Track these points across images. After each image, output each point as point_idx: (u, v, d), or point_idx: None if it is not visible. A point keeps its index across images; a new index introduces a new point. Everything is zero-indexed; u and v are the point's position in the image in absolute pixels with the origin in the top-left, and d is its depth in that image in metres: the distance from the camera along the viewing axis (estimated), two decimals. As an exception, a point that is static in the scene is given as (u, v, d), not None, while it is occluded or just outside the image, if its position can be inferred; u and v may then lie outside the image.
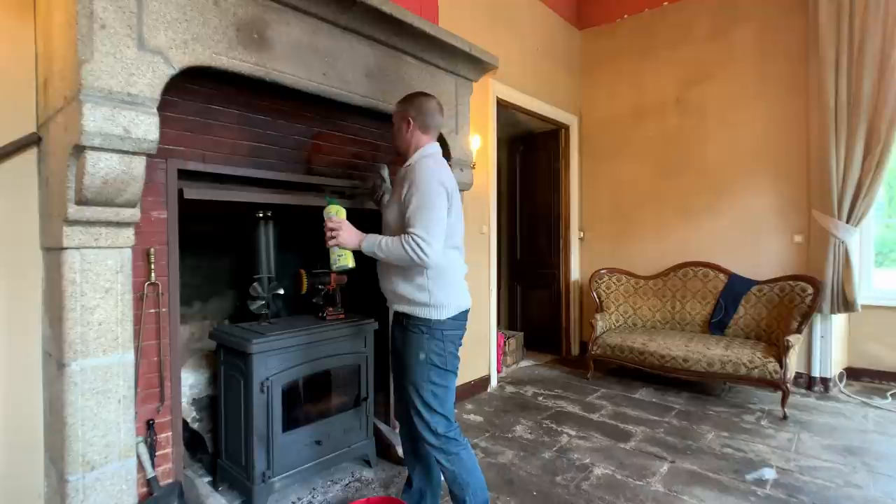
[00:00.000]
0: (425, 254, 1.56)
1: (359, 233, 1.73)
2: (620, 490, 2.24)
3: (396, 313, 1.80)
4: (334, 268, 1.76)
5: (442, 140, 2.53)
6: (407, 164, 1.77)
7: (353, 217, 2.49)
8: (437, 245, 1.59)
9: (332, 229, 1.72)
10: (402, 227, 1.66)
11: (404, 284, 1.72)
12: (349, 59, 2.09)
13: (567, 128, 4.82)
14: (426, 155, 1.75)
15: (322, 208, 1.81)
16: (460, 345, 1.79)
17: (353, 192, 2.46)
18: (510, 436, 2.85)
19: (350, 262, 1.76)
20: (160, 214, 1.74)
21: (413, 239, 1.58)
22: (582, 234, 4.96)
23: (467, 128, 2.70)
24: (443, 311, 1.70)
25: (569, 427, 3.00)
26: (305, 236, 2.80)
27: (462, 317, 1.78)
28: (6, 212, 1.74)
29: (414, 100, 1.79)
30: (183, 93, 1.78)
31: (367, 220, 2.63)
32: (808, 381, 3.70)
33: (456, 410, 2.94)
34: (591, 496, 2.19)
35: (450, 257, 1.73)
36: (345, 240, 1.70)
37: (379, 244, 1.66)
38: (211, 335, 2.17)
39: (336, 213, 1.77)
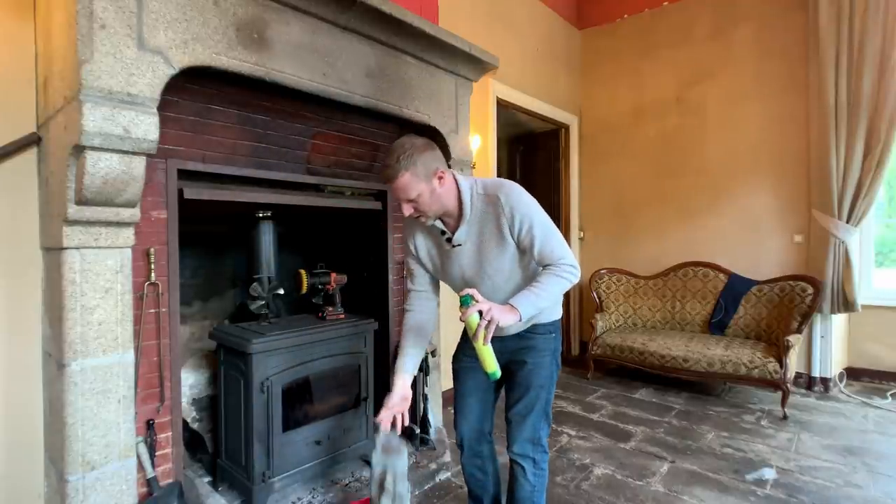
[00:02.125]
0: (577, 276, 1.46)
1: (507, 305, 1.36)
2: (620, 490, 2.24)
3: None
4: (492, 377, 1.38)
5: (442, 140, 2.53)
6: (468, 210, 1.47)
7: (352, 216, 2.49)
8: (571, 266, 1.45)
9: (487, 322, 1.30)
10: (523, 265, 1.51)
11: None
12: (349, 58, 2.09)
13: (567, 128, 4.82)
14: (485, 189, 1.48)
15: (322, 208, 1.78)
16: None
17: (354, 192, 2.46)
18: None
19: (497, 372, 1.37)
20: (160, 214, 1.74)
21: (564, 269, 1.42)
22: (582, 234, 4.96)
23: (467, 128, 2.70)
24: (559, 308, 1.66)
25: (569, 427, 3.00)
26: (305, 236, 2.80)
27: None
28: (6, 212, 1.74)
29: (418, 154, 1.39)
30: (183, 93, 1.78)
31: (367, 221, 2.64)
32: (808, 381, 3.70)
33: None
34: (591, 496, 2.19)
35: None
36: (506, 321, 1.33)
37: (536, 300, 1.38)
38: (211, 335, 2.17)
39: (471, 301, 1.34)
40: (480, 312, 1.31)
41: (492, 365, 1.35)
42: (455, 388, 1.76)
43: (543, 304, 1.40)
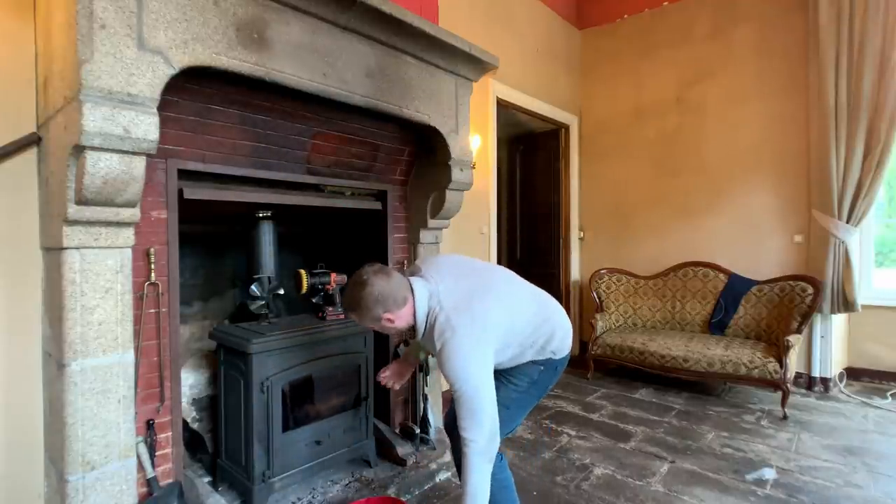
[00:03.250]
0: (488, 453, 1.41)
1: None
2: (620, 490, 2.24)
3: None
4: None
5: (442, 140, 2.53)
6: (420, 333, 1.55)
7: (352, 216, 2.50)
8: (488, 434, 1.40)
9: None
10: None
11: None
12: (349, 58, 2.09)
13: (567, 128, 4.82)
14: (434, 317, 1.48)
15: (322, 208, 1.79)
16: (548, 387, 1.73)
17: (354, 192, 2.46)
18: (510, 436, 2.84)
19: None
20: (160, 214, 1.74)
21: (471, 449, 1.39)
22: (582, 234, 4.96)
23: (467, 128, 2.70)
24: (560, 353, 1.67)
25: (569, 427, 3.00)
26: (305, 236, 2.80)
27: (570, 346, 1.71)
28: (6, 212, 1.74)
29: (365, 300, 1.45)
30: (183, 93, 1.77)
31: (367, 221, 2.64)
32: (808, 381, 3.70)
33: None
34: (591, 496, 2.19)
35: (539, 320, 1.61)
36: None
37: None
38: (211, 335, 2.17)
39: None
40: None
41: None
42: None
43: (475, 499, 1.40)
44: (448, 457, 2.44)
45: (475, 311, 1.47)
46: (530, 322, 1.59)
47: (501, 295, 1.56)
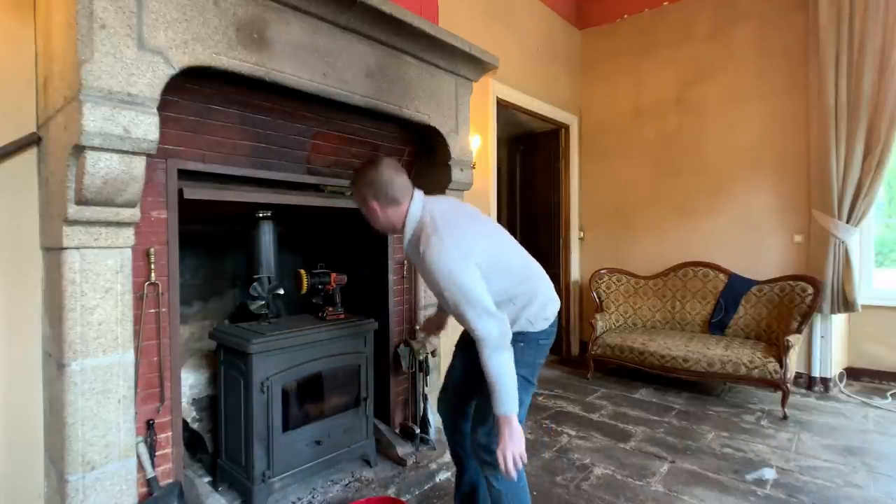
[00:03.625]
0: (501, 345, 1.43)
1: (506, 425, 1.44)
2: (620, 490, 2.24)
3: None
4: None
5: (442, 140, 2.53)
6: (406, 240, 1.59)
7: (352, 216, 2.49)
8: (495, 326, 1.43)
9: (507, 463, 1.44)
10: (455, 312, 1.49)
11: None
12: (349, 58, 2.09)
13: (567, 127, 4.82)
14: (418, 221, 1.54)
15: (322, 208, 1.80)
16: (547, 353, 1.71)
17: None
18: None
19: None
20: (160, 214, 1.74)
21: (486, 347, 1.42)
22: (582, 234, 4.96)
23: (467, 128, 2.70)
24: (541, 324, 1.63)
25: (569, 427, 3.00)
26: (305, 236, 2.80)
27: (555, 321, 1.69)
28: (6, 212, 1.74)
29: (362, 179, 1.57)
30: (183, 93, 1.77)
31: (367, 221, 2.63)
32: (808, 381, 3.70)
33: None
34: (591, 496, 2.19)
35: (521, 274, 1.61)
36: (517, 438, 1.45)
37: (502, 395, 1.43)
38: (211, 335, 2.17)
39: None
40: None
41: None
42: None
43: (510, 389, 1.43)
44: (448, 457, 2.44)
45: (465, 230, 1.53)
46: (515, 267, 1.61)
47: (493, 232, 1.63)
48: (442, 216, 1.53)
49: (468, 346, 1.59)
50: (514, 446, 1.43)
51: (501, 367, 1.43)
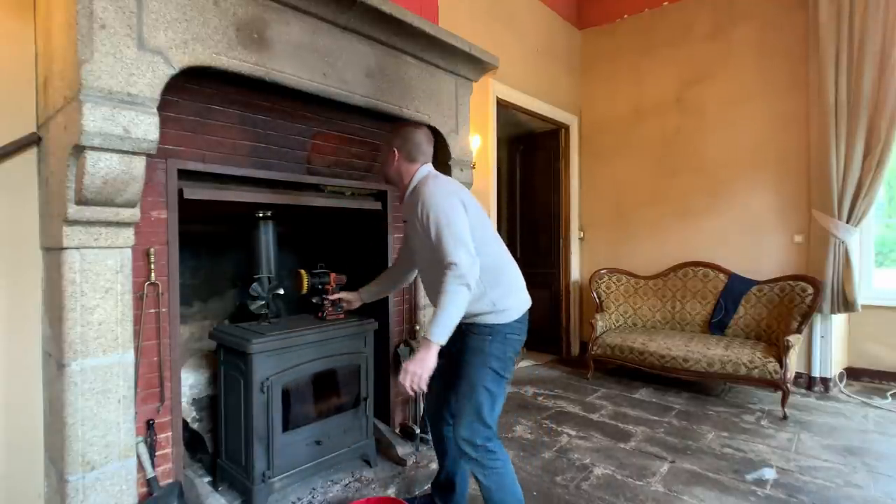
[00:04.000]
0: (466, 277, 1.48)
1: (425, 350, 1.51)
2: (620, 490, 2.24)
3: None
4: None
5: (442, 140, 2.53)
6: (408, 192, 1.77)
7: (352, 216, 2.49)
8: (467, 258, 1.51)
9: (410, 383, 1.51)
10: (438, 259, 1.56)
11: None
12: (349, 58, 2.09)
13: (567, 128, 4.82)
14: (422, 177, 1.74)
15: (322, 208, 1.81)
16: (519, 350, 1.74)
17: (354, 192, 2.46)
18: (510, 436, 2.84)
19: None
20: (160, 214, 1.74)
21: (449, 279, 1.49)
22: (582, 234, 4.96)
23: (467, 128, 2.70)
24: (506, 315, 1.66)
25: (569, 427, 3.00)
26: (305, 236, 2.80)
27: (524, 318, 1.73)
28: (6, 212, 1.74)
29: (400, 130, 1.80)
30: (183, 93, 1.78)
31: (367, 221, 2.64)
32: (808, 381, 3.70)
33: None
34: (591, 496, 2.19)
35: (494, 255, 1.69)
36: (428, 363, 1.50)
37: (440, 321, 1.49)
38: (211, 335, 2.17)
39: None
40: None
41: None
42: None
43: (449, 321, 1.50)
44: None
45: (457, 195, 1.65)
46: (491, 248, 1.69)
47: (482, 215, 1.72)
48: (444, 181, 1.72)
49: (443, 354, 1.60)
50: (418, 368, 1.50)
51: (454, 297, 1.49)
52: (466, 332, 1.68)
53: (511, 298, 1.69)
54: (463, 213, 1.60)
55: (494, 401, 1.65)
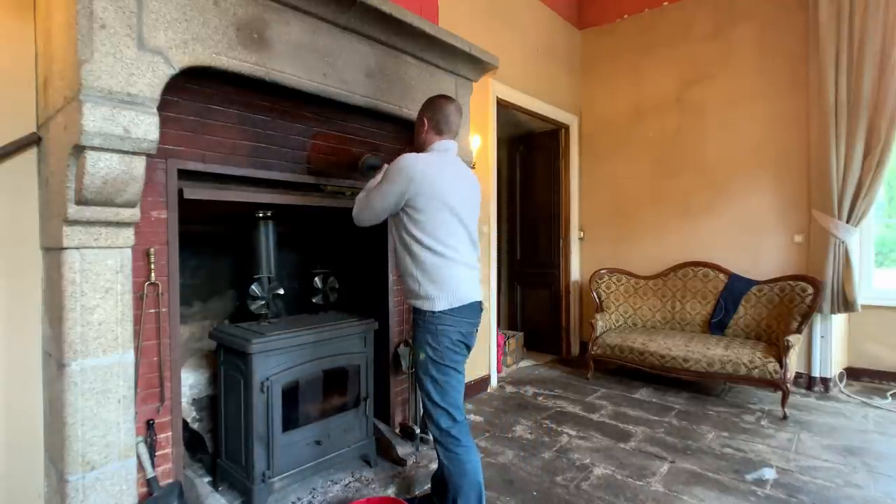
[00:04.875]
0: (355, 214, 1.90)
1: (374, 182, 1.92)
2: (620, 490, 2.24)
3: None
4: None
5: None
6: None
7: (352, 216, 2.48)
8: (365, 213, 1.84)
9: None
10: (395, 223, 1.81)
11: (404, 275, 1.81)
12: (349, 58, 2.09)
13: (567, 127, 4.82)
14: (427, 149, 1.85)
15: (322, 208, 1.83)
16: (462, 340, 1.77)
17: (354, 192, 2.46)
18: (510, 436, 2.85)
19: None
20: (160, 214, 1.74)
21: (358, 197, 1.89)
22: (582, 234, 4.96)
23: (467, 128, 2.70)
24: (434, 304, 1.72)
25: (569, 427, 3.00)
26: (305, 236, 2.80)
27: (459, 312, 1.75)
28: (6, 212, 1.74)
29: (433, 101, 1.87)
30: (183, 93, 1.78)
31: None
32: (808, 381, 3.70)
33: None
34: (591, 496, 2.19)
35: (438, 254, 1.72)
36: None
37: (369, 184, 1.93)
38: (211, 335, 2.17)
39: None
40: None
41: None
42: None
43: (358, 198, 1.91)
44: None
45: (440, 174, 1.73)
46: (440, 237, 1.73)
47: (442, 210, 1.75)
48: (429, 160, 1.75)
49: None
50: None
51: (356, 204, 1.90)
52: (413, 321, 1.82)
53: (442, 291, 1.73)
54: (397, 191, 1.70)
55: (442, 387, 1.74)
